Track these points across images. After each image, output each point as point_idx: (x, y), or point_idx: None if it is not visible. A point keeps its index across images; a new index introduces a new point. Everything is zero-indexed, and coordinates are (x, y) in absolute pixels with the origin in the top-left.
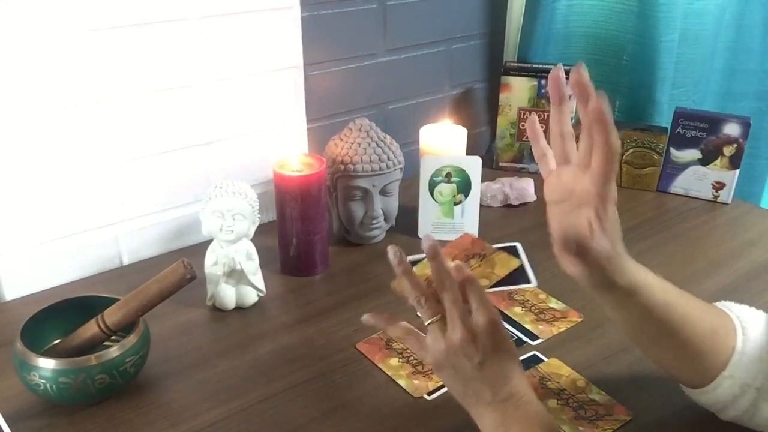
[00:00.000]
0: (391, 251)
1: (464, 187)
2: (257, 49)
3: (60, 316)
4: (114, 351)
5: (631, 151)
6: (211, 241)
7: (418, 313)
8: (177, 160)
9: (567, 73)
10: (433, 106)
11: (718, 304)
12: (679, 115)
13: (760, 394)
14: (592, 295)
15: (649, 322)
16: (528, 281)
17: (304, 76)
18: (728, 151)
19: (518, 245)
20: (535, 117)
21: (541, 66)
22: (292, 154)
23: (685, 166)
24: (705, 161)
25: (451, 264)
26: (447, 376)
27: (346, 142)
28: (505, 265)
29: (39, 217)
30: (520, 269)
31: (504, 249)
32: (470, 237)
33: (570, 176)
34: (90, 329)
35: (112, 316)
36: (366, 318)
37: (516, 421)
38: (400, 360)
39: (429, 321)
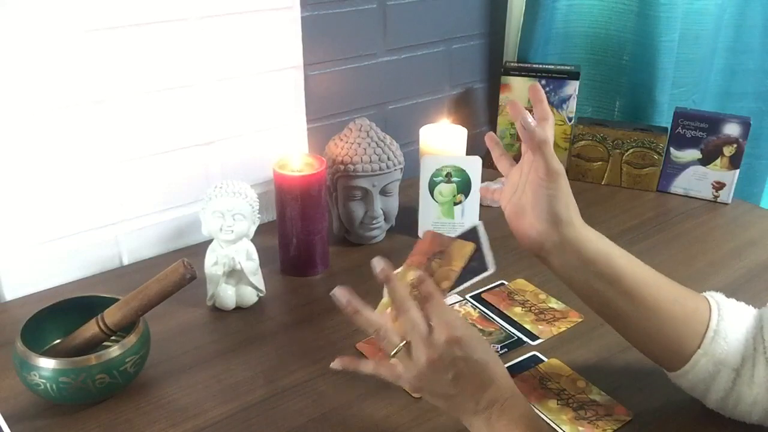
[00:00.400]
0: (339, 295)
1: (464, 187)
2: (257, 49)
3: (60, 316)
4: (114, 351)
5: (631, 151)
6: (211, 241)
7: (381, 347)
8: (177, 160)
9: (565, 72)
10: (433, 106)
11: (702, 293)
12: (679, 115)
13: (740, 377)
14: (556, 273)
15: (618, 296)
16: (485, 268)
17: (304, 76)
18: (728, 151)
19: (479, 224)
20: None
21: (541, 66)
22: (293, 154)
23: (685, 166)
24: (705, 161)
25: (414, 274)
26: (429, 397)
27: (346, 142)
28: (459, 255)
29: (39, 217)
30: (477, 253)
31: (462, 235)
32: (429, 235)
33: (516, 172)
34: (90, 329)
35: (112, 316)
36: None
37: (502, 427)
38: None
39: (393, 352)
